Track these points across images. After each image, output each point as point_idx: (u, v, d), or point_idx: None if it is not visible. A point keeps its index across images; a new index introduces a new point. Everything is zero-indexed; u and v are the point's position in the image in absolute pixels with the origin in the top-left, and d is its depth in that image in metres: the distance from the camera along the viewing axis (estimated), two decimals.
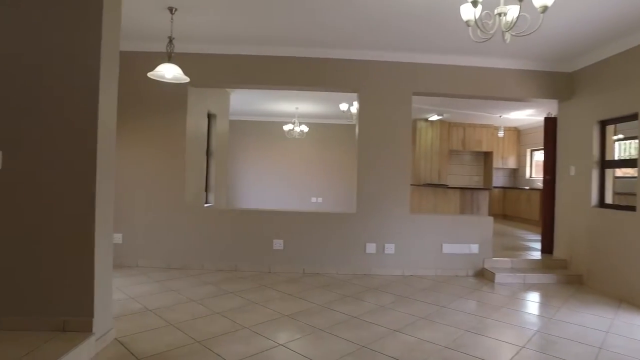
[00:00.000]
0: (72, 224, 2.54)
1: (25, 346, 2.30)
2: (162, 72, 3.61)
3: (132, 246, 4.73)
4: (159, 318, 3.12)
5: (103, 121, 2.58)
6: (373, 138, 4.79)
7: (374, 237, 4.75)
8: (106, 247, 2.67)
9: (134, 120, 4.70)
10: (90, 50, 2.52)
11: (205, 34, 4.28)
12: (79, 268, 2.53)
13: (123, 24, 3.96)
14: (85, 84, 2.53)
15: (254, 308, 3.44)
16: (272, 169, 10.19)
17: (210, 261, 4.74)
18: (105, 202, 2.65)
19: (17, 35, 2.54)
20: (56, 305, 2.53)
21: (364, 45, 4.46)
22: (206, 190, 6.27)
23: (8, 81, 2.53)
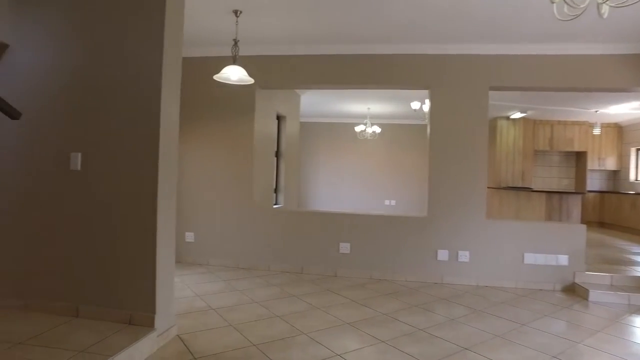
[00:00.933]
0: (137, 222, 2.64)
1: (96, 334, 2.43)
2: (227, 75, 3.68)
3: (204, 245, 4.90)
4: (220, 318, 3.15)
5: (165, 126, 2.65)
6: (445, 138, 4.46)
7: (447, 243, 4.42)
8: (168, 247, 2.73)
9: (206, 123, 4.88)
10: (152, 60, 2.61)
11: (270, 36, 4.30)
12: (143, 265, 2.62)
13: (192, 31, 4.15)
14: (148, 91, 2.61)
15: (315, 313, 3.34)
16: (344, 171, 10.11)
17: (276, 262, 4.75)
18: (167, 202, 2.72)
19: (91, 47, 2.71)
20: (124, 299, 2.64)
21: (434, 38, 4.17)
22: (276, 191, 6.35)
23: (87, 91, 2.71)
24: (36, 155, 2.82)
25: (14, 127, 2.85)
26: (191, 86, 4.89)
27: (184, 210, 4.94)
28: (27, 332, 2.45)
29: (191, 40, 4.47)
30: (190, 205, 4.94)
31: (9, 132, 2.86)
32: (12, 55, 2.86)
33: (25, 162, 2.83)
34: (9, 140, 2.86)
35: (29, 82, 2.83)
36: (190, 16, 3.72)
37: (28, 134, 2.82)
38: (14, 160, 2.85)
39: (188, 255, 4.94)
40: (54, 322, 2.62)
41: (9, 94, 2.87)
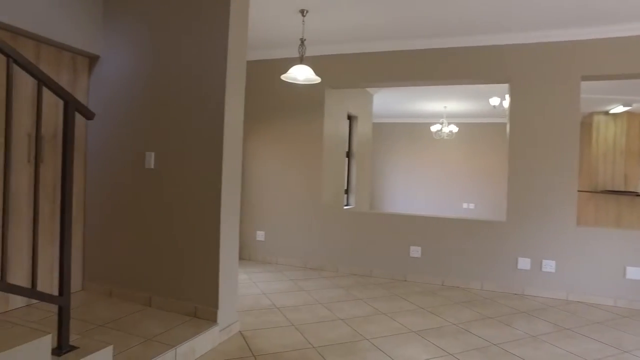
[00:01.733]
0: (202, 218, 2.73)
1: (163, 324, 2.55)
2: (294, 74, 3.69)
3: (274, 244, 4.99)
4: (283, 317, 3.15)
5: (228, 127, 2.71)
6: (528, 136, 4.05)
7: (529, 250, 4.01)
8: (231, 244, 2.79)
9: (277, 123, 4.97)
10: (217, 64, 2.68)
11: (338, 34, 4.24)
12: (207, 260, 2.70)
13: (262, 35, 4.24)
14: (213, 94, 2.69)
15: (380, 319, 3.20)
16: (419, 173, 9.75)
17: (345, 264, 4.68)
18: (231, 199, 2.77)
19: (162, 55, 2.87)
20: (190, 292, 2.75)
21: (513, 26, 3.81)
22: (347, 192, 6.28)
23: (159, 94, 2.88)
24: (119, 155, 3.05)
25: (102, 130, 3.13)
26: (262, 87, 5.04)
27: (255, 209, 5.08)
28: (107, 317, 2.65)
29: (261, 43, 4.59)
30: (261, 204, 5.06)
31: (99, 135, 3.13)
32: (101, 66, 3.14)
33: (111, 161, 3.08)
34: (100, 142, 3.13)
35: (113, 89, 3.07)
36: (259, 19, 3.81)
37: (113, 136, 3.07)
38: (103, 160, 3.12)
39: (258, 254, 5.07)
40: (130, 309, 2.81)
41: (99, 100, 3.16)
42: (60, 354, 1.71)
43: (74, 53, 3.07)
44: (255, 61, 5.04)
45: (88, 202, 3.20)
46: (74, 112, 1.77)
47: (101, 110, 3.13)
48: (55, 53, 2.95)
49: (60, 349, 1.73)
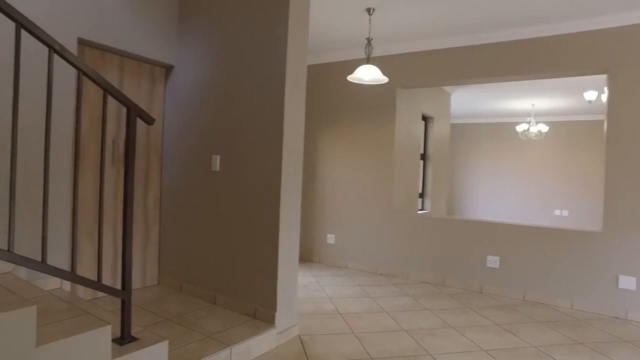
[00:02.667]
0: (262, 221, 2.76)
1: (223, 323, 2.62)
2: (360, 75, 3.60)
3: (344, 248, 4.93)
4: (345, 323, 3.07)
5: (288, 130, 2.70)
6: (629, 133, 3.50)
7: (633, 267, 3.45)
8: (291, 247, 2.78)
9: (346, 125, 4.92)
10: (277, 69, 2.69)
11: (408, 31, 4.06)
12: (267, 262, 2.72)
13: (329, 37, 4.21)
14: (273, 98, 2.71)
15: (447, 333, 2.98)
16: (504, 176, 9.03)
17: (416, 271, 4.47)
18: (291, 202, 2.76)
19: (226, 61, 2.96)
20: (250, 293, 2.79)
21: (611, 6, 3.32)
22: (422, 196, 6.02)
23: (223, 100, 2.98)
24: (189, 158, 3.22)
25: (176, 134, 3.33)
26: (332, 90, 5.02)
27: (326, 212, 5.07)
28: (175, 311, 2.80)
29: (329, 46, 4.57)
30: (332, 207, 5.04)
31: (173, 139, 3.34)
32: (175, 74, 3.35)
33: (183, 165, 3.27)
34: (173, 146, 3.34)
35: (185, 96, 3.26)
36: (325, 22, 3.79)
37: (184, 140, 3.25)
38: (177, 163, 3.32)
39: (328, 257, 5.05)
40: (196, 305, 2.94)
41: (173, 106, 3.37)
42: (122, 344, 1.82)
43: (152, 64, 3.31)
44: (324, 64, 5.05)
45: (163, 203, 3.42)
46: (135, 118, 1.88)
47: (174, 115, 3.34)
48: (136, 65, 3.21)
49: (123, 339, 1.84)
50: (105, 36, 2.87)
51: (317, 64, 5.12)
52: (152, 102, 3.34)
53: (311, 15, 3.68)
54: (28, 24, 1.49)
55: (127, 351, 1.75)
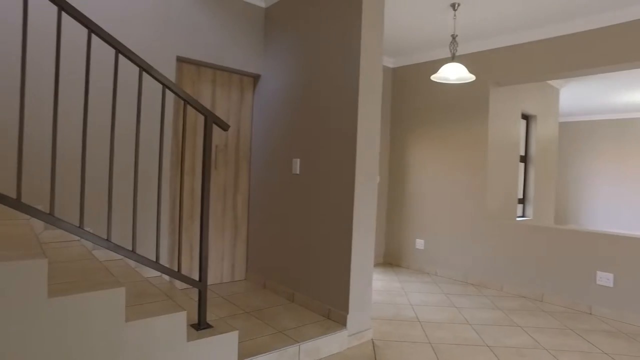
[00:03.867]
0: (336, 222, 2.80)
1: (297, 320, 2.72)
2: (445, 74, 3.45)
3: (433, 254, 4.75)
4: (422, 332, 2.96)
5: (362, 133, 2.71)
6: None
7: None
8: (365, 250, 2.77)
9: (436, 127, 4.74)
10: (351, 74, 2.71)
11: (498, 25, 3.77)
12: (340, 264, 2.75)
13: (415, 37, 4.11)
14: (347, 102, 2.74)
15: (538, 355, 2.69)
16: (627, 181, 7.81)
17: (511, 283, 4.11)
18: (365, 205, 2.76)
19: (305, 67, 3.07)
20: (325, 293, 2.85)
21: None
22: (522, 202, 5.51)
23: (302, 104, 3.09)
24: (273, 161, 3.41)
25: (262, 139, 3.55)
26: (418, 91, 4.89)
27: (415, 217, 4.93)
28: (255, 305, 2.98)
29: (413, 47, 4.45)
30: (421, 211, 4.89)
31: (260, 143, 3.57)
32: (261, 83, 3.57)
33: (268, 168, 3.47)
34: (260, 150, 3.57)
35: (269, 102, 3.46)
36: (408, 22, 3.71)
37: (270, 144, 3.45)
38: (263, 166, 3.54)
39: (416, 263, 4.90)
40: (275, 301, 3.09)
41: (260, 112, 3.60)
42: (198, 329, 2.01)
43: (241, 75, 3.58)
44: (409, 66, 4.93)
45: (251, 203, 3.67)
46: (211, 124, 2.06)
47: (261, 121, 3.56)
48: (227, 76, 3.50)
49: (199, 325, 2.03)
50: (200, 53, 3.19)
51: (402, 65, 5.03)
52: (242, 109, 3.61)
53: (393, 16, 3.64)
54: (123, 49, 1.74)
55: (200, 336, 1.93)
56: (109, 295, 1.64)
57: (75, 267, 1.98)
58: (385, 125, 5.16)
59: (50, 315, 1.51)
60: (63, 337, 1.54)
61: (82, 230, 1.69)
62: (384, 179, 5.22)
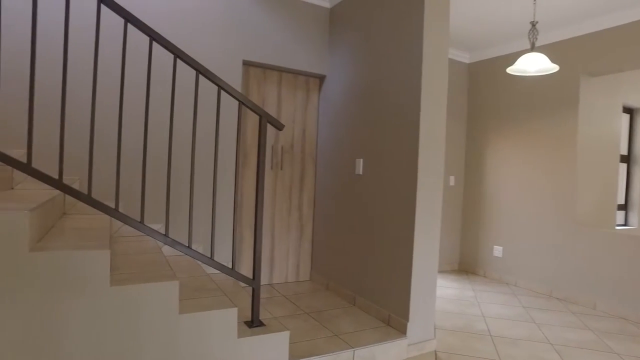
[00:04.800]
0: (398, 226, 2.67)
1: (356, 325, 2.65)
2: (523, 66, 3.14)
3: (513, 263, 4.37)
4: (493, 348, 2.71)
5: (425, 133, 2.56)
6: None
7: None
8: (428, 254, 2.61)
9: (516, 126, 4.36)
10: (412, 69, 2.58)
11: (589, 6, 3.33)
12: (401, 269, 2.62)
13: (493, 29, 3.80)
14: (409, 100, 2.61)
15: None
16: None
17: (607, 301, 3.62)
18: (428, 209, 2.60)
19: (369, 66, 2.99)
20: (385, 299, 2.74)
21: None
22: (624, 208, 4.84)
23: (365, 104, 3.02)
24: (338, 161, 3.37)
25: (327, 139, 3.54)
26: (496, 87, 4.54)
27: (493, 221, 4.59)
28: (315, 306, 2.97)
29: (490, 40, 4.12)
30: (500, 215, 4.53)
31: (325, 144, 3.56)
32: (326, 84, 3.56)
33: (332, 168, 3.44)
34: (325, 150, 3.56)
35: (334, 102, 3.43)
36: (484, 13, 3.44)
37: (334, 144, 3.42)
38: (327, 167, 3.53)
39: (494, 271, 4.54)
40: (336, 304, 3.05)
41: (325, 113, 3.60)
42: (250, 326, 2.04)
43: (307, 76, 3.60)
44: (485, 61, 4.59)
45: (317, 203, 3.67)
46: (266, 124, 2.08)
47: (326, 122, 3.54)
48: (292, 78, 3.55)
49: (252, 323, 2.06)
50: (265, 56, 3.27)
51: (478, 61, 4.69)
52: (307, 110, 3.63)
53: (463, 9, 3.40)
54: (180, 53, 1.82)
55: (251, 334, 1.95)
56: (163, 287, 1.72)
57: (142, 259, 2.13)
58: (461, 124, 4.86)
59: (110, 302, 1.63)
60: (121, 323, 1.65)
61: (143, 225, 1.80)
62: (460, 180, 4.92)
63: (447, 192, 4.81)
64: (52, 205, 2.03)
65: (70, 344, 1.55)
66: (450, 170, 4.82)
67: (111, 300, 1.63)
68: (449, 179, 4.81)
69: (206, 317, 1.83)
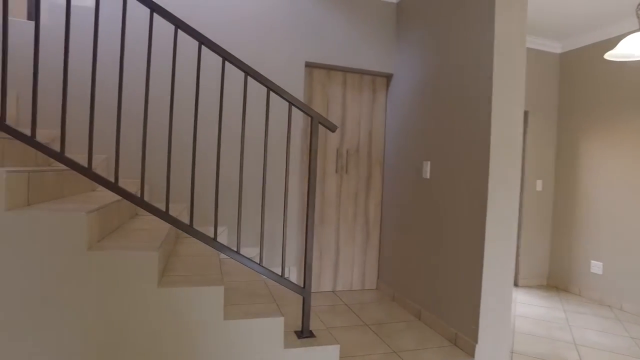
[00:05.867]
0: (467, 236, 2.41)
1: (418, 342, 2.44)
2: (626, 49, 2.66)
3: (616, 282, 3.76)
4: None
5: (497, 132, 2.27)
6: None
7: None
8: (502, 267, 2.31)
9: (620, 122, 3.75)
10: (483, 65, 2.30)
11: None
12: (470, 282, 2.35)
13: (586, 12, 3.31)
14: (480, 98, 2.33)
15: None
16: None
17: None
18: (502, 214, 2.30)
19: (436, 61, 2.75)
20: (452, 315, 2.48)
21: None
22: None
23: (434, 101, 2.78)
24: (405, 165, 3.17)
25: (395, 141, 3.35)
26: (595, 77, 3.97)
27: (590, 231, 4.01)
28: (377, 319, 2.80)
29: (586, 24, 3.59)
30: (599, 225, 3.94)
31: (392, 146, 3.38)
32: (394, 82, 3.38)
33: (400, 171, 3.25)
34: (392, 153, 3.38)
35: (402, 102, 3.23)
36: None
37: (402, 146, 3.23)
38: (395, 170, 3.34)
39: (592, 290, 3.95)
40: (400, 317, 2.85)
41: (393, 113, 3.42)
42: (300, 337, 1.95)
43: (373, 75, 3.45)
44: (583, 47, 4.01)
45: (384, 209, 3.49)
46: (317, 125, 1.99)
47: (393, 123, 3.36)
48: (358, 78, 3.42)
49: (302, 333, 1.98)
50: (329, 56, 3.20)
51: (572, 50, 4.13)
52: (374, 111, 3.48)
53: None
54: (228, 55, 1.81)
55: (299, 345, 1.86)
56: (207, 292, 1.71)
57: (199, 262, 2.16)
58: (550, 122, 4.32)
59: (157, 304, 1.65)
60: (167, 324, 1.66)
61: (192, 228, 1.81)
62: (549, 184, 4.38)
63: (534, 197, 4.30)
64: (119, 207, 2.14)
65: (123, 339, 1.60)
66: (537, 174, 4.31)
67: (158, 301, 1.65)
68: (536, 183, 4.30)
69: (251, 325, 1.78)
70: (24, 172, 1.68)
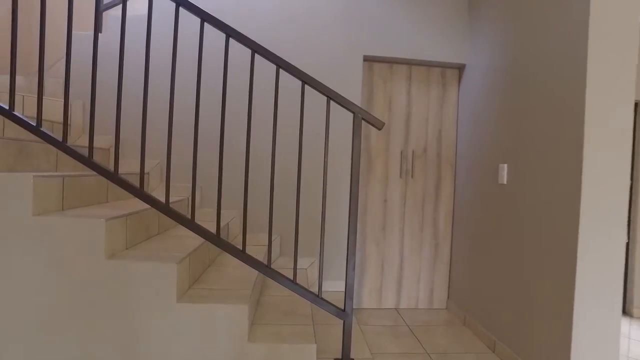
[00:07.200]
0: (555, 250, 1.94)
1: None
2: None
3: None
4: None
5: (592, 131, 1.78)
6: None
7: None
8: (601, 295, 1.80)
9: None
10: (575, 46, 1.83)
11: None
12: (558, 311, 1.88)
13: None
14: (570, 92, 1.86)
15: None
16: None
17: None
18: (599, 230, 1.80)
19: (520, 50, 2.30)
20: (538, 350, 2.02)
21: None
22: None
23: (515, 95, 2.33)
24: (478, 168, 2.73)
25: (468, 142, 2.94)
26: None
27: None
28: (441, 348, 2.41)
29: None
30: None
31: (465, 147, 2.95)
32: (467, 74, 2.95)
33: (472, 176, 2.81)
34: (465, 154, 2.94)
35: (476, 97, 2.80)
36: None
37: (475, 147, 2.79)
38: (467, 174, 2.90)
39: None
40: (470, 346, 2.43)
41: (465, 110, 3.00)
42: None
43: (442, 67, 3.06)
44: None
45: (456, 218, 3.07)
46: (360, 122, 1.71)
47: (466, 120, 2.93)
48: (424, 71, 3.05)
49: None
50: (390, 48, 2.89)
51: None
52: (443, 107, 3.08)
53: None
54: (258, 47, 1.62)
55: None
56: (228, 310, 1.53)
57: (235, 274, 2.00)
58: None
59: (176, 319, 1.51)
60: (185, 342, 1.51)
61: (219, 239, 1.65)
62: None
63: None
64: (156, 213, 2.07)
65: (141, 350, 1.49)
66: None
67: (177, 316, 1.51)
68: None
69: (279, 350, 1.56)
70: (58, 177, 1.66)
